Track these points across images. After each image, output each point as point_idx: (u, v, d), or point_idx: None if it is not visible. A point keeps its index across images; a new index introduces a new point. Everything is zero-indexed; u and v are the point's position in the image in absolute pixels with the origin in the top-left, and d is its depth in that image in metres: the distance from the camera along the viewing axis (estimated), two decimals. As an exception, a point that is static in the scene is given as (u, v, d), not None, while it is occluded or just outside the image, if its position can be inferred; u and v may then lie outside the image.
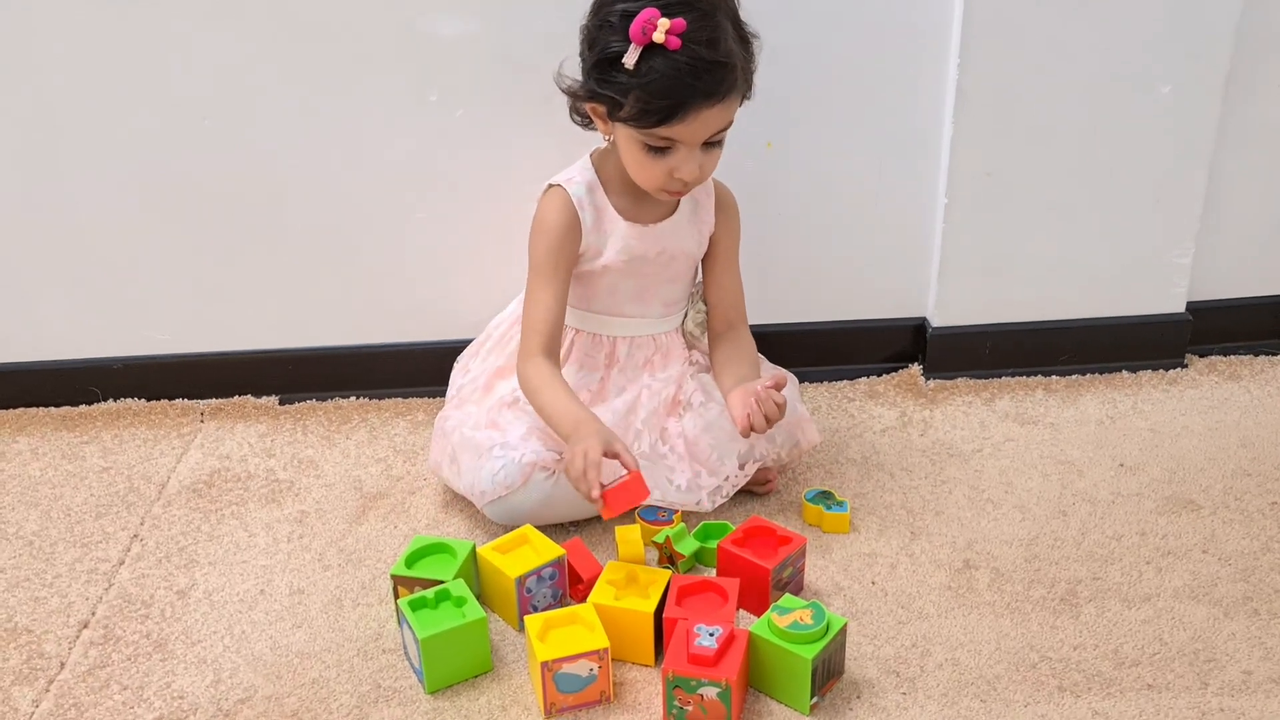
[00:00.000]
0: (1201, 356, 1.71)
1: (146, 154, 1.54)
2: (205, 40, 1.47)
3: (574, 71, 1.28)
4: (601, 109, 1.25)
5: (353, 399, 1.68)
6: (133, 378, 1.67)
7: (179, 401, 1.68)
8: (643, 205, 1.36)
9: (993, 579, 1.26)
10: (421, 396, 1.66)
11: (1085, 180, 1.57)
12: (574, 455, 1.19)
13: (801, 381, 1.65)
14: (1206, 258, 1.65)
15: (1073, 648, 1.16)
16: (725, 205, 1.42)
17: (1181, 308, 1.67)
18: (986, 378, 1.67)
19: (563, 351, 1.39)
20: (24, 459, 1.56)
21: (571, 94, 1.27)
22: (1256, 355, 1.71)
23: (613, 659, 1.12)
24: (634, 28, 1.17)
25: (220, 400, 1.68)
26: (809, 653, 1.06)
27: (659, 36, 1.16)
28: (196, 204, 1.57)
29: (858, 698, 1.11)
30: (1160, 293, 1.66)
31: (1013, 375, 1.68)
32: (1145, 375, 1.67)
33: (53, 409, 1.68)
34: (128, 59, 1.48)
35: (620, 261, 1.35)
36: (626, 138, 1.25)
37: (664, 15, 1.16)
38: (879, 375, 1.69)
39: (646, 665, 1.15)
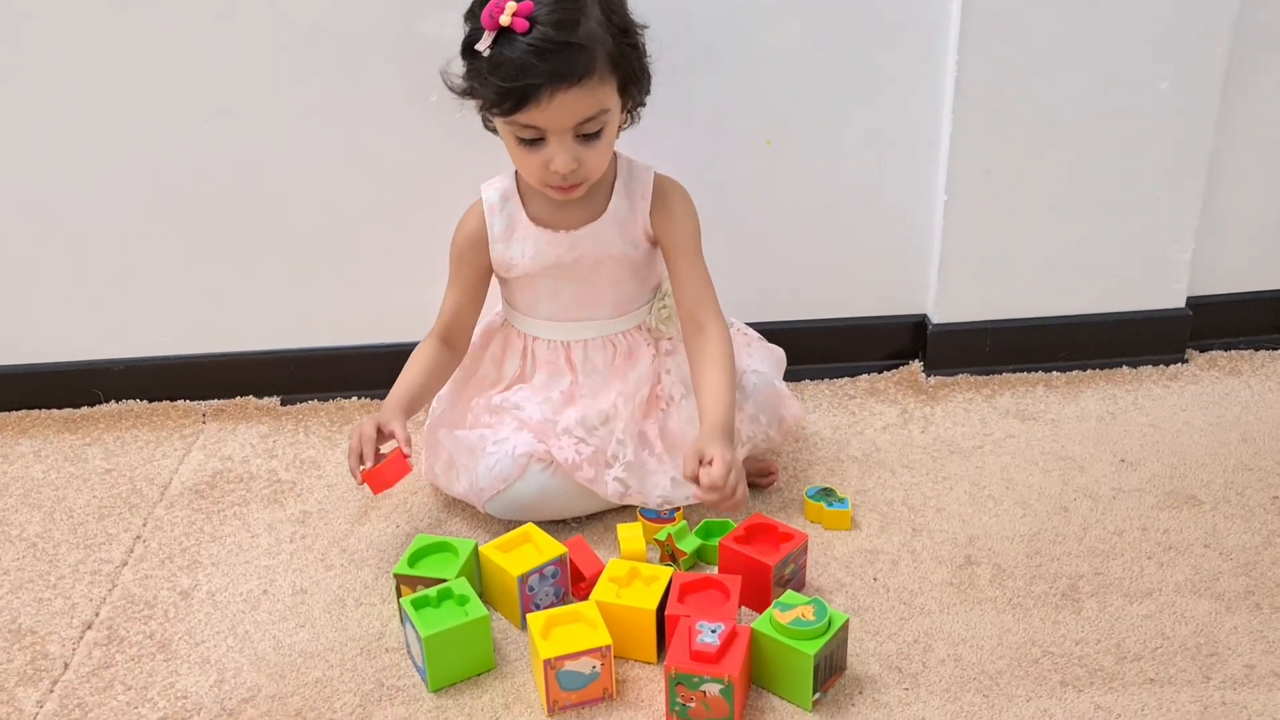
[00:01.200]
0: (1202, 352, 1.71)
1: (148, 156, 1.54)
2: (206, 43, 1.47)
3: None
4: (480, 104, 1.25)
5: (354, 399, 1.68)
6: (135, 379, 1.67)
7: (181, 403, 1.68)
8: (562, 211, 1.32)
9: (994, 575, 1.26)
10: (423, 396, 1.66)
11: (1085, 176, 1.58)
12: (352, 434, 1.29)
13: (802, 379, 1.66)
14: (1206, 253, 1.65)
15: (1075, 643, 1.16)
16: (666, 201, 1.35)
17: (1182, 303, 1.67)
18: (987, 374, 1.67)
19: (523, 362, 1.40)
20: (27, 461, 1.57)
21: (452, 89, 1.26)
22: (1257, 350, 1.71)
23: (615, 656, 1.12)
24: (484, 14, 1.16)
25: (222, 401, 1.68)
26: (811, 649, 1.06)
27: (505, 19, 1.15)
28: (197, 206, 1.57)
29: (860, 694, 1.11)
30: (1160, 288, 1.66)
31: (1013, 371, 1.68)
32: (1146, 371, 1.67)
33: (55, 411, 1.68)
34: (128, 61, 1.48)
35: (537, 268, 1.33)
36: (504, 132, 1.24)
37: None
38: (880, 372, 1.69)
39: (649, 663, 1.15)
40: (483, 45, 1.17)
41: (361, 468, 1.28)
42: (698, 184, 1.47)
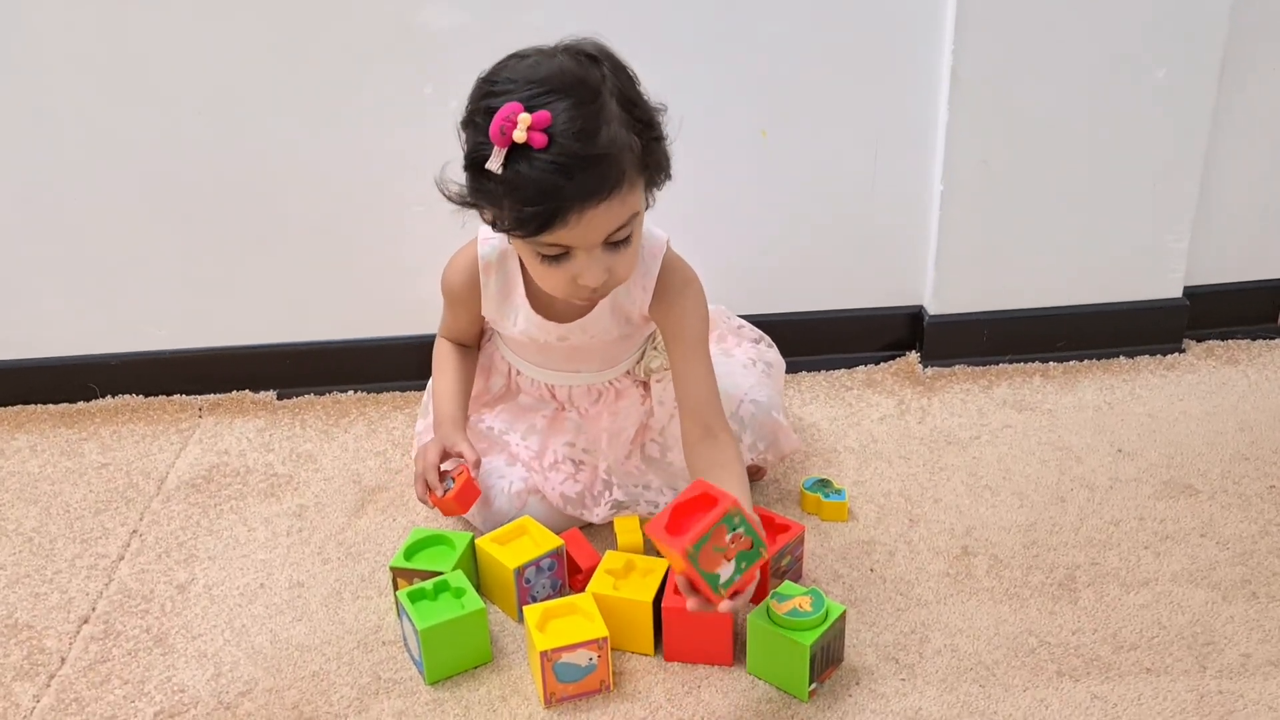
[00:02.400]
0: (1199, 341, 1.71)
1: (142, 150, 1.54)
2: (200, 35, 1.47)
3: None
4: (490, 218, 1.09)
5: (351, 393, 1.68)
6: (131, 374, 1.67)
7: (177, 397, 1.68)
8: (559, 304, 1.22)
9: (991, 565, 1.26)
10: (420, 390, 1.65)
11: (1081, 166, 1.57)
12: (417, 459, 1.27)
13: (799, 371, 1.66)
14: (1203, 242, 1.65)
15: (1071, 632, 1.16)
16: (667, 290, 1.22)
17: (1178, 293, 1.67)
18: (984, 365, 1.67)
19: (508, 381, 1.37)
20: (23, 456, 1.57)
21: (454, 200, 1.10)
22: (1254, 339, 1.71)
23: (612, 648, 1.12)
24: (493, 129, 1.01)
25: (218, 395, 1.68)
26: (808, 639, 1.06)
27: (519, 135, 1.00)
28: (193, 200, 1.57)
29: (857, 684, 1.11)
30: (1157, 278, 1.66)
31: (1010, 362, 1.68)
32: (1143, 360, 1.67)
33: (51, 406, 1.68)
34: (123, 55, 1.48)
35: (526, 339, 1.27)
36: (521, 249, 1.12)
37: (526, 109, 1.00)
38: (876, 363, 1.69)
39: (646, 654, 1.15)
40: (494, 164, 1.02)
41: (431, 494, 1.25)
42: (693, 175, 1.47)
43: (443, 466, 1.27)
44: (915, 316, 1.68)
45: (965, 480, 1.41)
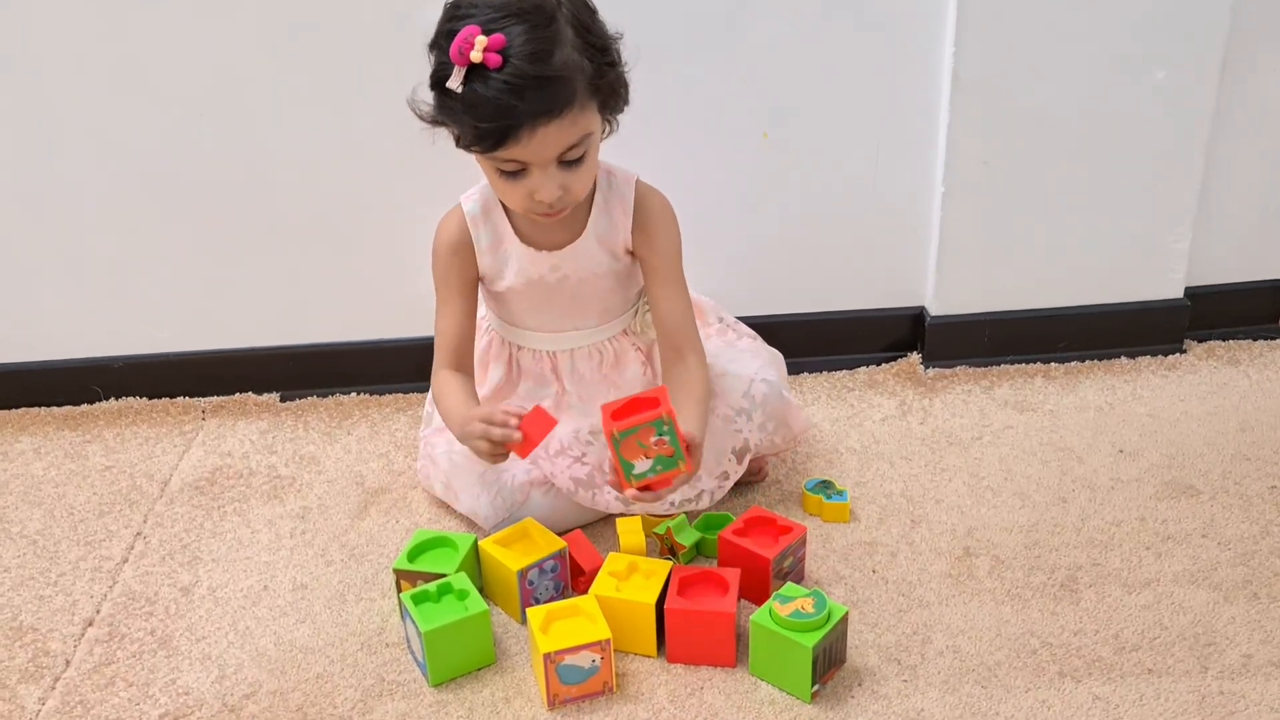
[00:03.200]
0: (1200, 341, 1.71)
1: (145, 152, 1.54)
2: (201, 35, 1.47)
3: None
4: (454, 135, 1.17)
5: (353, 395, 1.68)
6: (134, 376, 1.68)
7: (180, 399, 1.68)
8: (544, 231, 1.28)
9: (993, 566, 1.27)
10: (422, 392, 1.66)
11: (1082, 166, 1.57)
12: (479, 431, 1.17)
13: (800, 372, 1.66)
14: (1204, 243, 1.65)
15: (1073, 633, 1.16)
16: (647, 218, 1.29)
17: (1179, 293, 1.67)
18: (985, 365, 1.67)
19: (508, 369, 1.38)
20: (27, 459, 1.57)
21: (422, 118, 1.18)
22: (1255, 339, 1.71)
23: (615, 650, 1.12)
24: (453, 50, 1.08)
25: (221, 398, 1.68)
26: (810, 641, 1.06)
27: (476, 55, 1.07)
28: (195, 202, 1.57)
29: (859, 685, 1.11)
30: (1158, 278, 1.66)
31: (1012, 363, 1.68)
32: (1144, 361, 1.67)
33: (55, 409, 1.68)
34: (125, 56, 1.48)
35: (522, 285, 1.30)
36: (483, 163, 1.20)
37: (484, 32, 1.07)
38: (878, 364, 1.69)
39: (648, 656, 1.16)
40: (454, 82, 1.09)
41: (514, 421, 1.17)
42: (694, 178, 1.47)
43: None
44: (917, 317, 1.68)
45: (967, 481, 1.42)
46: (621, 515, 1.32)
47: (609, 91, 1.18)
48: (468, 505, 1.34)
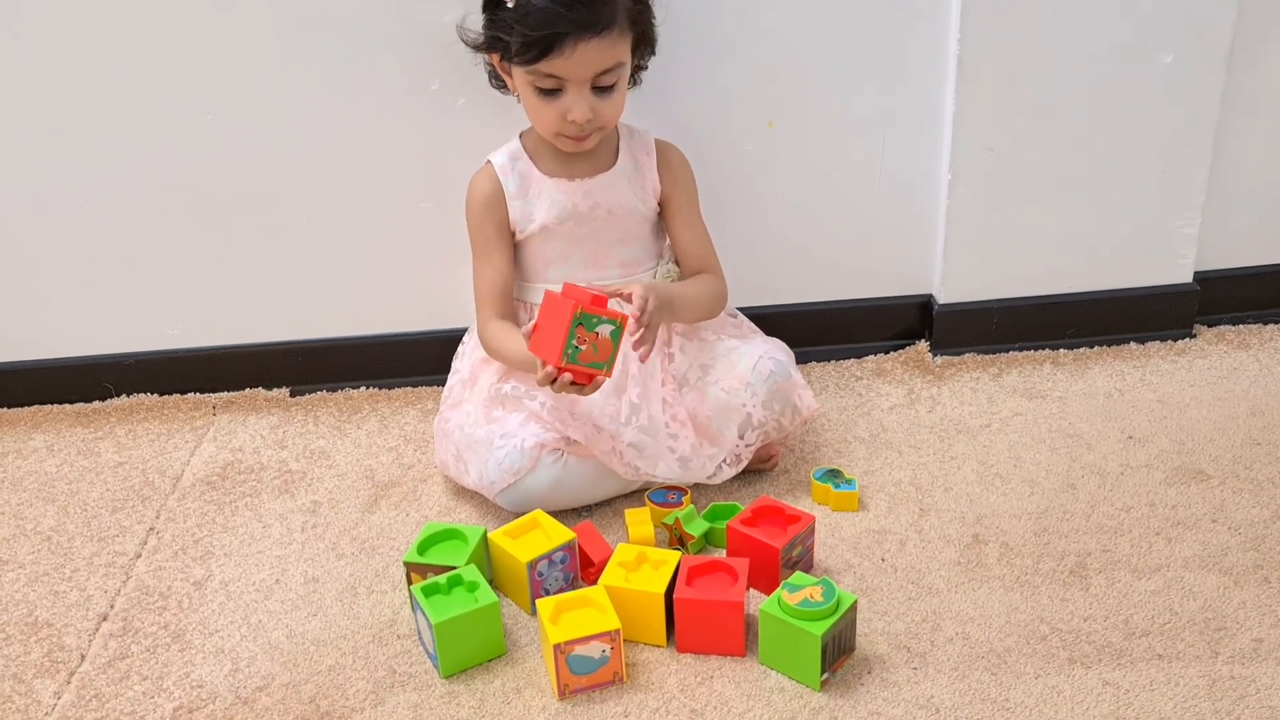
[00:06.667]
0: (1209, 326, 1.70)
1: (153, 150, 1.55)
2: (209, 34, 1.48)
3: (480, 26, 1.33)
4: (498, 57, 1.31)
5: (363, 389, 1.69)
6: (145, 373, 1.69)
7: (191, 395, 1.69)
8: (572, 163, 1.39)
9: (1002, 553, 1.27)
10: (431, 385, 1.67)
11: (1089, 152, 1.57)
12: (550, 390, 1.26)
13: (808, 361, 1.66)
14: (1213, 227, 1.64)
15: (1083, 619, 1.16)
16: (669, 162, 1.43)
17: (1189, 278, 1.66)
18: (994, 352, 1.67)
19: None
20: (40, 456, 1.58)
21: (469, 44, 1.33)
22: (1265, 324, 1.71)
23: (624, 640, 1.13)
24: None
25: (232, 393, 1.69)
26: (819, 629, 1.07)
27: None
28: (203, 199, 1.58)
29: (869, 673, 1.11)
30: (1167, 263, 1.65)
31: (1020, 349, 1.67)
32: (1153, 346, 1.67)
33: (67, 406, 1.69)
34: (131, 54, 1.49)
35: (554, 220, 1.38)
36: (522, 84, 1.30)
37: None
38: (886, 353, 1.69)
39: (658, 646, 1.16)
40: None
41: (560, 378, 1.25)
42: (700, 167, 1.47)
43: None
44: (924, 305, 1.68)
45: (976, 468, 1.41)
46: (629, 487, 1.35)
47: (645, 26, 1.32)
48: (476, 473, 1.34)
